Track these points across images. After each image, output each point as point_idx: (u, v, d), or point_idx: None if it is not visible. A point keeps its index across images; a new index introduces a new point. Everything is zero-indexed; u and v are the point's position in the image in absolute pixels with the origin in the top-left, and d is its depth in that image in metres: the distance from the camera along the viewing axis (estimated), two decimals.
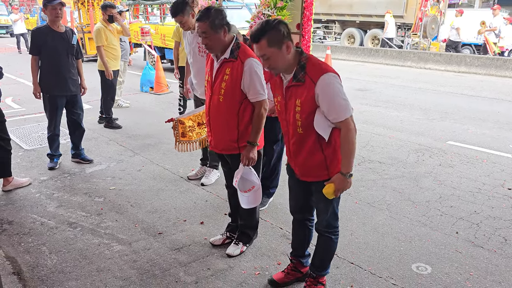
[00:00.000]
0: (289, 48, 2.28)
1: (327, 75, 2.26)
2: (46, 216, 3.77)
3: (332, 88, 2.25)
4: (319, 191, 2.45)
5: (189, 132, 3.83)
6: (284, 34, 2.25)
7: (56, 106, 4.73)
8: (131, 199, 4.12)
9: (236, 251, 3.18)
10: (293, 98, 2.35)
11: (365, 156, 5.39)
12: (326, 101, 2.25)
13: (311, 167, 2.45)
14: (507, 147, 5.90)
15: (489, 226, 3.69)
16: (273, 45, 2.24)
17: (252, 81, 2.76)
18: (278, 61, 2.29)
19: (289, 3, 6.46)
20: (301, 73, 2.29)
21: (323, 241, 2.67)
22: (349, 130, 2.28)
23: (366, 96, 9.40)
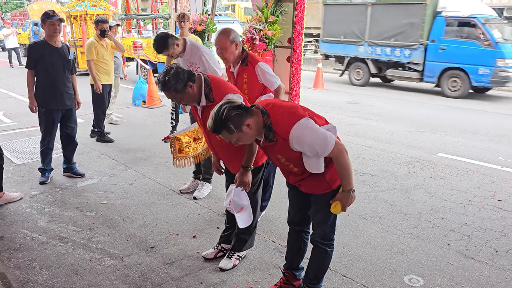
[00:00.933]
0: (250, 125, 2.24)
1: (294, 128, 2.23)
2: (37, 231, 3.74)
3: (305, 136, 2.23)
4: (318, 201, 2.51)
5: (185, 148, 3.86)
6: (238, 119, 2.21)
7: (52, 120, 4.72)
8: (123, 213, 4.10)
9: (229, 265, 3.17)
10: (274, 155, 2.41)
11: (357, 168, 5.43)
12: (308, 148, 2.25)
13: (311, 184, 2.49)
14: (497, 159, 5.97)
15: (480, 238, 3.72)
16: (234, 132, 2.23)
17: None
18: (247, 138, 2.31)
19: (280, 17, 6.55)
20: (270, 133, 2.29)
21: (318, 253, 2.68)
22: (339, 156, 2.30)
23: (357, 109, 9.48)
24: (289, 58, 6.70)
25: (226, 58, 3.53)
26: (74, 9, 13.25)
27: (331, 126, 2.40)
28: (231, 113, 2.19)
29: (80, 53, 13.63)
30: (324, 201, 2.52)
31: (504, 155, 6.16)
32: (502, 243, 3.63)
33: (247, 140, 2.36)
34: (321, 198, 2.52)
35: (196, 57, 4.06)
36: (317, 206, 2.59)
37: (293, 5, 6.51)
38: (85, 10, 13.09)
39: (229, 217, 3.33)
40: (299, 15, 6.57)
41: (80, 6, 13.20)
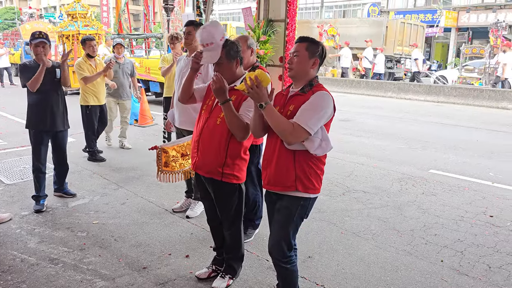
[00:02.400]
0: (316, 64, 2.57)
1: (325, 92, 2.52)
2: (27, 252, 3.68)
3: (317, 100, 2.47)
4: (281, 208, 2.59)
5: (172, 162, 3.79)
6: (319, 52, 2.56)
7: (42, 142, 4.61)
8: (114, 233, 4.05)
9: (223, 285, 3.14)
10: (289, 105, 2.56)
11: (350, 186, 5.44)
12: (306, 104, 2.46)
13: (280, 173, 2.54)
14: (488, 175, 6.02)
15: (473, 254, 3.72)
16: (308, 51, 2.54)
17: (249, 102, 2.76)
18: (301, 64, 2.55)
19: (271, 37, 6.64)
20: (307, 87, 2.55)
21: (279, 271, 2.70)
22: (290, 132, 2.40)
23: (349, 126, 9.55)
24: (281, 76, 6.77)
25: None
26: (66, 28, 13.30)
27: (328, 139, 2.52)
28: (324, 48, 2.59)
29: (72, 73, 13.64)
30: (285, 207, 2.58)
31: (494, 171, 6.22)
32: (495, 259, 3.64)
33: (299, 65, 2.55)
34: (284, 202, 2.58)
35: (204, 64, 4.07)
36: (277, 214, 2.62)
37: (284, 25, 6.61)
38: (78, 30, 13.14)
39: (215, 239, 3.30)
40: (290, 34, 6.67)
41: (73, 25, 13.26)
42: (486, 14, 24.34)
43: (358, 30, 19.49)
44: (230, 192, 2.99)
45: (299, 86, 2.59)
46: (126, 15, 16.66)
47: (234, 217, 3.07)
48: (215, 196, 3.03)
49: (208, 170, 2.94)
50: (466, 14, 25.07)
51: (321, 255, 3.68)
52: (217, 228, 3.20)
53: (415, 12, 27.44)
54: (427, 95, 14.30)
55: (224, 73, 2.82)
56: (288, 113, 2.52)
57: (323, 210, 4.64)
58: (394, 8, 29.07)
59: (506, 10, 23.48)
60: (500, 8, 23.61)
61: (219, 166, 2.88)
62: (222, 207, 3.05)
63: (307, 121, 2.41)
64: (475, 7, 24.83)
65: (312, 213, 4.57)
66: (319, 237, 4.03)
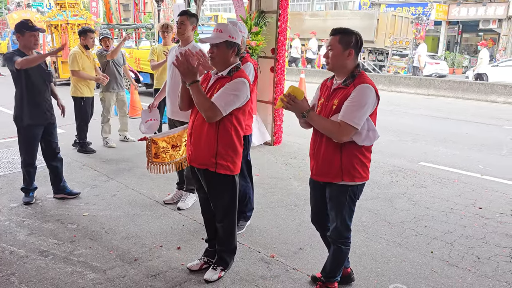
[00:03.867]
0: (351, 55, 2.56)
1: (366, 85, 2.52)
2: (16, 244, 3.63)
3: (360, 94, 2.50)
4: (331, 196, 2.72)
5: (162, 153, 3.75)
6: (354, 42, 2.56)
7: (33, 136, 4.39)
8: (105, 225, 4.02)
9: (214, 276, 3.14)
10: (333, 99, 2.61)
11: None
12: (349, 100, 2.50)
13: (325, 164, 2.66)
14: (477, 167, 6.09)
15: (462, 245, 3.77)
16: (341, 44, 2.55)
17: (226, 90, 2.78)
18: (336, 58, 2.57)
19: (263, 28, 6.61)
20: (349, 80, 2.58)
21: (334, 249, 2.86)
22: (337, 131, 2.50)
23: None
24: (272, 68, 6.75)
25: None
26: (55, 18, 13.10)
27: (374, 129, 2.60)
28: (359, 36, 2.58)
29: (61, 63, 13.47)
30: (336, 196, 2.71)
31: (483, 163, 6.28)
32: (484, 250, 3.69)
33: (335, 60, 2.59)
34: (333, 192, 2.70)
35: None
36: (330, 202, 2.76)
37: (276, 16, 6.58)
38: (66, 20, 12.96)
39: (208, 230, 3.30)
40: (282, 26, 6.65)
41: (61, 15, 13.07)
42: (476, 7, 24.46)
43: (350, 23, 19.43)
44: (223, 184, 2.98)
45: (341, 78, 2.63)
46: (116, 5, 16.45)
47: (227, 209, 3.06)
48: (208, 187, 3.02)
49: (201, 162, 2.93)
50: (457, 7, 25.16)
51: (313, 247, 3.69)
52: (210, 220, 3.19)
53: (406, 5, 27.46)
54: (418, 88, 14.38)
55: (219, 56, 2.83)
56: (334, 107, 2.58)
57: None
58: (385, 1, 29.06)
59: (496, 4, 23.61)
60: (490, 1, 23.74)
61: (212, 157, 2.87)
62: (215, 198, 3.04)
63: (353, 118, 2.47)
64: (466, 1, 24.93)
65: (304, 205, 4.61)
66: (311, 228, 4.01)
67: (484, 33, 25.91)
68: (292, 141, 7.29)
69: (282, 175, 5.59)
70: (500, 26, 23.94)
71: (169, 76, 4.21)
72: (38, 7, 25.59)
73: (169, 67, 4.22)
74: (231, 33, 2.83)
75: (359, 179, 2.68)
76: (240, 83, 2.79)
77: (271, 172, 5.67)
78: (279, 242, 3.76)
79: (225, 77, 2.88)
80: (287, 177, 5.50)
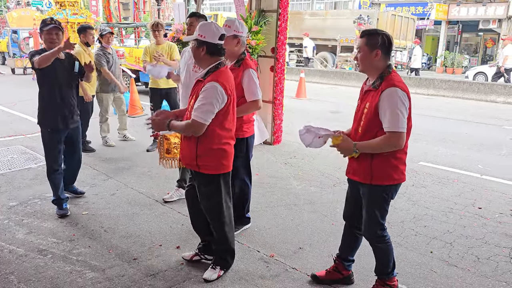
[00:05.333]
0: (379, 55, 2.60)
1: (394, 88, 2.53)
2: (15, 243, 3.63)
3: (392, 99, 2.52)
4: (364, 195, 2.76)
5: (173, 149, 3.85)
6: (380, 42, 2.59)
7: (57, 141, 4.15)
8: (104, 224, 4.02)
9: (213, 276, 3.13)
10: (365, 102, 2.67)
11: (340, 177, 5.45)
12: (384, 108, 2.54)
13: (357, 164, 2.72)
14: (476, 167, 6.08)
15: (462, 245, 3.76)
16: (368, 45, 2.60)
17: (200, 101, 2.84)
18: (364, 59, 2.63)
19: (263, 27, 6.60)
20: (378, 81, 2.62)
21: (373, 250, 2.90)
22: (389, 144, 2.55)
23: (340, 118, 9.57)
24: (272, 67, 6.74)
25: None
26: (54, 17, 13.06)
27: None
28: (386, 36, 2.61)
29: None
30: (368, 196, 2.74)
31: (483, 163, 6.28)
32: (483, 250, 3.69)
33: (364, 62, 2.64)
34: (366, 191, 2.74)
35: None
36: (364, 200, 2.79)
37: (276, 16, 6.57)
38: (66, 18, 12.94)
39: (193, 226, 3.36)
40: (282, 25, 6.64)
41: (61, 14, 13.05)
42: (476, 7, 24.43)
43: (349, 22, 19.46)
44: (208, 183, 3.02)
45: (372, 79, 2.68)
46: (116, 4, 16.43)
47: (214, 209, 3.09)
48: (196, 186, 3.11)
49: (186, 162, 3.04)
50: (457, 7, 25.13)
51: (312, 246, 3.69)
52: (195, 214, 3.25)
53: (406, 4, 27.43)
54: (417, 88, 14.37)
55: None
56: (365, 110, 2.64)
57: (314, 202, 4.65)
58: (385, 0, 29.06)
59: (496, 4, 23.59)
60: (490, 1, 23.73)
61: (193, 159, 2.97)
62: (201, 198, 3.09)
63: (398, 124, 2.52)
64: (465, 0, 24.91)
65: (303, 204, 4.61)
66: (310, 228, 4.04)
67: (484, 33, 25.90)
68: (292, 140, 7.28)
69: (281, 174, 5.59)
70: (500, 26, 23.92)
71: (183, 76, 4.26)
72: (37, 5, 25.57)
73: (182, 68, 4.29)
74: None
75: (390, 181, 2.69)
76: (210, 90, 2.81)
77: (270, 172, 5.66)
78: (279, 242, 3.76)
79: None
80: (287, 177, 5.49)
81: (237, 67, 3.51)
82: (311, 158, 6.34)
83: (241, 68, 3.50)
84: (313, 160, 6.25)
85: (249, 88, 3.49)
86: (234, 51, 3.52)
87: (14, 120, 8.38)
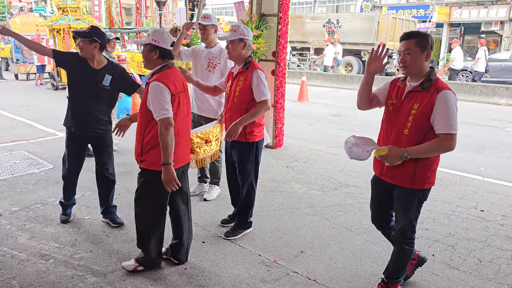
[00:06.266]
0: (429, 57, 2.62)
1: (450, 92, 2.55)
2: (17, 248, 3.64)
3: (449, 102, 2.53)
4: (400, 198, 2.77)
5: (196, 149, 3.93)
6: (430, 43, 2.61)
7: (75, 144, 4.04)
8: (106, 229, 4.03)
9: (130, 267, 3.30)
10: (411, 102, 2.63)
11: (342, 180, 5.45)
12: (441, 111, 2.53)
13: (399, 169, 2.68)
14: (479, 170, 6.06)
15: (464, 248, 3.75)
16: (419, 47, 2.58)
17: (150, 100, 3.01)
18: (415, 61, 2.60)
19: (264, 31, 6.62)
20: (427, 83, 2.60)
21: (397, 249, 2.90)
22: (443, 146, 2.57)
23: (341, 121, 9.57)
24: (273, 71, 6.76)
25: (229, 51, 3.66)
26: (57, 22, 13.16)
27: None
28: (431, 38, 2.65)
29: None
30: (406, 199, 2.75)
31: (485, 165, 6.27)
32: (486, 253, 3.67)
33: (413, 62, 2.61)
34: (402, 194, 2.75)
35: (222, 55, 4.41)
36: (398, 202, 2.81)
37: (277, 20, 6.59)
38: (69, 24, 13.01)
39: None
40: (283, 29, 6.65)
41: (64, 19, 13.13)
42: (478, 9, 24.42)
43: (350, 25, 19.49)
44: (149, 178, 3.22)
45: (416, 80, 2.66)
46: (118, 9, 16.53)
47: (146, 205, 3.28)
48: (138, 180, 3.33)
49: (136, 156, 3.27)
50: (458, 9, 25.12)
51: (314, 250, 3.68)
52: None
53: (407, 7, 27.46)
54: None
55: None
56: (413, 112, 2.61)
57: (316, 205, 4.65)
58: (387, 3, 29.08)
59: (498, 6, 23.58)
60: (492, 3, 23.72)
61: (139, 154, 3.21)
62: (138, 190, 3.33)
63: (453, 125, 2.53)
64: (467, 3, 24.90)
65: (304, 208, 4.60)
66: (312, 231, 4.04)
67: (486, 35, 25.87)
68: (293, 144, 7.29)
69: (283, 178, 5.59)
70: (502, 28, 23.90)
71: (196, 75, 4.50)
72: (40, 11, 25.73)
73: (195, 67, 4.60)
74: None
75: (429, 184, 2.74)
76: (153, 88, 2.97)
77: (272, 175, 5.66)
78: (280, 245, 3.76)
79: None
80: (288, 180, 5.49)
81: (246, 70, 3.62)
82: (313, 161, 6.33)
83: (250, 70, 3.61)
84: (315, 163, 6.24)
85: (258, 88, 3.57)
86: (241, 54, 3.63)
87: (17, 125, 8.42)
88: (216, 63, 4.41)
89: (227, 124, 3.67)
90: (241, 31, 3.59)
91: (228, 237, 3.84)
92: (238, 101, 3.60)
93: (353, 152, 2.74)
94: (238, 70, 3.67)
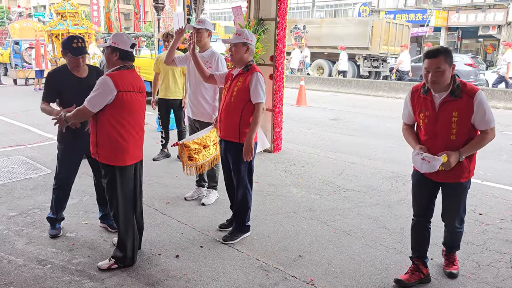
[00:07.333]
0: (453, 69, 2.86)
1: (480, 92, 2.83)
2: (14, 253, 3.63)
3: (485, 102, 2.84)
4: (452, 193, 3.10)
5: (195, 155, 3.96)
6: (452, 58, 2.85)
7: (69, 159, 3.97)
8: (104, 234, 4.01)
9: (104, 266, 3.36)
10: (448, 110, 2.88)
11: (340, 184, 5.45)
12: (481, 112, 2.83)
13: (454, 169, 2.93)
14: (477, 173, 6.03)
15: (463, 252, 3.74)
16: (447, 62, 2.80)
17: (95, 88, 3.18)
18: (446, 77, 2.82)
19: (262, 36, 6.63)
20: (457, 91, 2.85)
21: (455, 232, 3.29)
22: (490, 139, 2.90)
23: (339, 125, 9.58)
24: (271, 75, 6.77)
25: (232, 54, 3.73)
26: (56, 27, 13.17)
27: None
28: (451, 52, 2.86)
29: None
30: (457, 192, 3.08)
31: (483, 169, 6.26)
32: (484, 257, 3.67)
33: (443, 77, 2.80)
34: (454, 189, 3.07)
35: (213, 58, 4.50)
36: (448, 199, 3.14)
37: (274, 24, 6.61)
38: (67, 29, 13.00)
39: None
40: (281, 33, 6.67)
41: (62, 25, 13.13)
42: (475, 14, 24.56)
43: (344, 30, 19.58)
44: (105, 172, 3.31)
45: (444, 90, 2.88)
46: (117, 14, 16.56)
47: (111, 201, 3.36)
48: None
49: (91, 151, 3.35)
50: (456, 14, 25.26)
51: (312, 254, 3.68)
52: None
53: (405, 11, 27.60)
54: None
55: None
56: (454, 119, 2.86)
57: (314, 209, 4.64)
58: (384, 8, 29.22)
59: (495, 10, 23.70)
60: (489, 8, 23.84)
61: (94, 146, 3.30)
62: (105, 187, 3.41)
63: (493, 120, 2.88)
64: (465, 7, 25.03)
65: (303, 212, 4.60)
66: (310, 236, 4.03)
67: (484, 39, 25.99)
68: (292, 148, 7.29)
69: (281, 182, 5.58)
70: (499, 32, 24.02)
71: (190, 81, 4.62)
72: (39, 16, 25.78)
73: (188, 72, 4.63)
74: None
75: (472, 174, 3.08)
76: (99, 82, 3.13)
77: (270, 179, 5.66)
78: (278, 250, 3.75)
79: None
80: (287, 184, 5.49)
81: (246, 71, 3.70)
82: (311, 165, 6.33)
83: (250, 72, 3.68)
84: (313, 167, 6.24)
85: (255, 89, 3.63)
86: (243, 58, 3.71)
87: (16, 130, 8.41)
88: (208, 66, 4.44)
89: (222, 124, 3.76)
90: (245, 36, 3.67)
91: (226, 242, 3.83)
92: (235, 100, 3.66)
93: (423, 167, 2.96)
94: (238, 71, 3.73)
